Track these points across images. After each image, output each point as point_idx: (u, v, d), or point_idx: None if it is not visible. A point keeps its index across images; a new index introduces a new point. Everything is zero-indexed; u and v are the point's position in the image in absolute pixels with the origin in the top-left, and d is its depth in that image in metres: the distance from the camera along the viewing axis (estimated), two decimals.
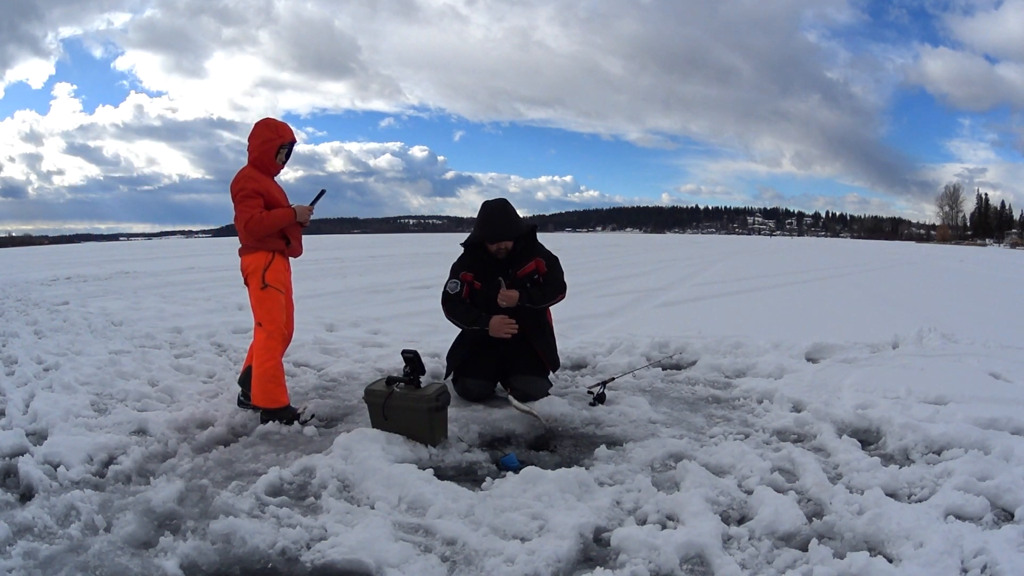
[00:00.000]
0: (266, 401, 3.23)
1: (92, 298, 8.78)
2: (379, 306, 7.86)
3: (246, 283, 3.36)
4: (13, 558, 1.89)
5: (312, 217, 3.43)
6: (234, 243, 3.36)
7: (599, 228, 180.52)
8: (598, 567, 1.91)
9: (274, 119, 3.38)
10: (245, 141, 3.38)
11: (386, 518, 2.17)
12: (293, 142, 3.40)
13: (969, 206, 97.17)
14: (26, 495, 2.36)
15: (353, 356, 4.73)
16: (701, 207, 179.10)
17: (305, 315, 6.72)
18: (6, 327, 6.06)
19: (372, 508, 2.28)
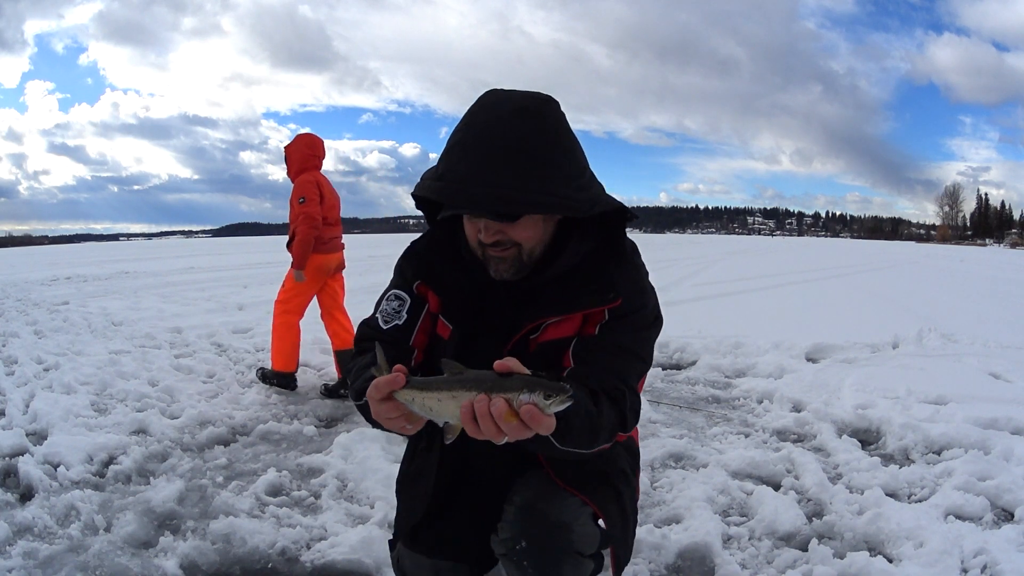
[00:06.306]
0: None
1: (92, 298, 8.77)
2: None
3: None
4: (13, 558, 1.89)
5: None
6: (234, 243, 3.37)
7: None
8: None
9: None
10: (227, 138, 3.45)
11: (386, 518, 2.17)
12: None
13: (969, 206, 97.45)
14: (26, 495, 2.36)
15: None
16: (700, 207, 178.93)
17: (305, 315, 6.71)
18: (6, 327, 6.06)
19: (372, 508, 2.28)
